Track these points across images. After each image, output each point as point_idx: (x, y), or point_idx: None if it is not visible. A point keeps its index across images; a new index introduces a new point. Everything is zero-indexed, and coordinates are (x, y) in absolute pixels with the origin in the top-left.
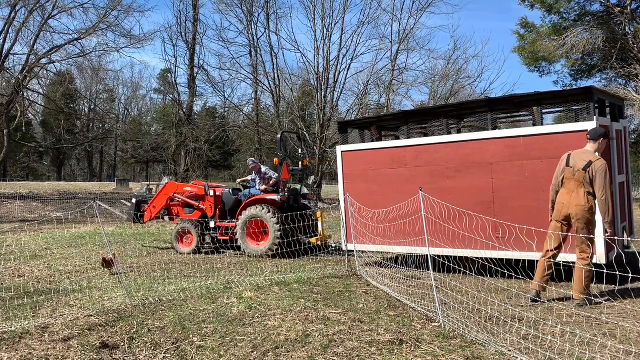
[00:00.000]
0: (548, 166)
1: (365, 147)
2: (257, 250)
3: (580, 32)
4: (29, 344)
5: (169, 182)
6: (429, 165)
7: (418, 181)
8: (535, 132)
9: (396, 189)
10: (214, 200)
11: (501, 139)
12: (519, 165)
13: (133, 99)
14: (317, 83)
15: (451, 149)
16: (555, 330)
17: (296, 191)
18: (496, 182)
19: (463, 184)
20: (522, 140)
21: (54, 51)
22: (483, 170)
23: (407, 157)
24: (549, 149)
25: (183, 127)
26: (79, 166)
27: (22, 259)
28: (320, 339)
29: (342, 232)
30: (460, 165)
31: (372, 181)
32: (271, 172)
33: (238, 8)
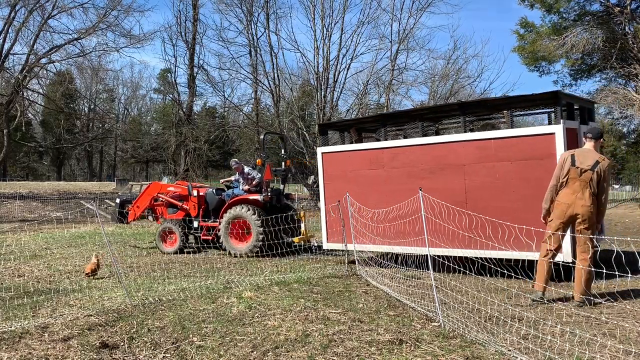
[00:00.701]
0: (518, 168)
1: (345, 148)
2: (240, 250)
3: (580, 32)
4: (29, 344)
5: (153, 183)
6: (406, 167)
7: (395, 182)
8: (506, 135)
9: (375, 189)
10: (198, 200)
11: (473, 141)
12: (490, 167)
13: (133, 99)
14: (317, 83)
15: (426, 151)
16: (555, 330)
17: (279, 191)
18: (468, 183)
19: (437, 185)
20: (493, 142)
21: (54, 51)
22: (456, 171)
23: (384, 158)
24: (518, 151)
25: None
26: (79, 166)
27: (22, 259)
28: (320, 339)
29: (323, 231)
30: (435, 167)
31: (352, 182)
32: (254, 173)
33: (238, 8)
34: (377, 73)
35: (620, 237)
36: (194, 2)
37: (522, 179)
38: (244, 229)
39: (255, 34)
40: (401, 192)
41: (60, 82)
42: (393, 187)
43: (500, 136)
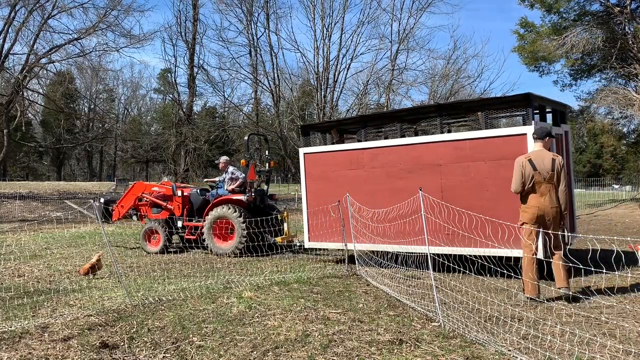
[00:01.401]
0: (491, 168)
1: (326, 149)
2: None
3: (580, 32)
4: (29, 344)
5: (137, 182)
6: (385, 167)
7: (375, 182)
8: (480, 135)
9: (355, 189)
10: (182, 200)
11: (449, 142)
12: (465, 167)
13: (133, 99)
14: (317, 83)
15: (404, 151)
16: (555, 330)
17: (263, 192)
18: (444, 183)
19: (415, 185)
20: (468, 143)
21: (54, 51)
22: (433, 171)
23: (364, 159)
24: (492, 152)
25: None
26: (79, 166)
27: (22, 259)
28: (320, 339)
29: (305, 230)
30: (413, 167)
31: (333, 182)
32: (239, 173)
33: (238, 8)
34: (377, 73)
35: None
36: (194, 2)
37: (495, 178)
38: (228, 228)
39: (255, 34)
40: (381, 191)
41: (60, 82)
42: (373, 187)
43: (474, 137)
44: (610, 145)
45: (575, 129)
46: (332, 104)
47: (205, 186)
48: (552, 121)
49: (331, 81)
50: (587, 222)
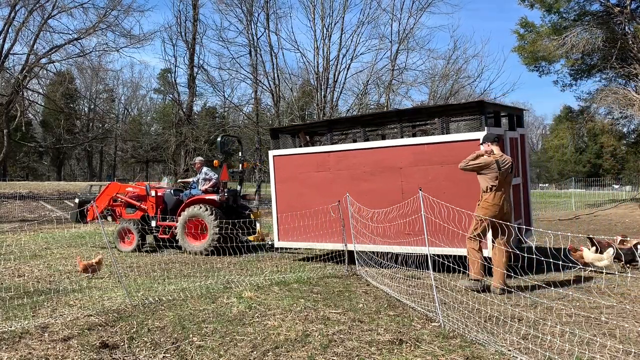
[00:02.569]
0: (447, 170)
1: (294, 152)
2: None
3: (580, 32)
4: (29, 344)
5: (112, 183)
6: (349, 169)
7: (340, 183)
8: (437, 140)
9: (322, 190)
10: (156, 200)
11: (409, 146)
12: (424, 170)
13: (133, 99)
14: (317, 83)
15: (367, 155)
16: (555, 330)
17: (236, 192)
18: (405, 185)
19: (377, 187)
20: (426, 147)
21: (54, 51)
22: (394, 174)
23: (330, 161)
24: (448, 156)
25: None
26: (79, 166)
27: (22, 259)
28: (320, 339)
29: (274, 230)
30: (375, 170)
31: (301, 183)
32: (212, 174)
33: (238, 8)
34: (377, 73)
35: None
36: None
37: (451, 181)
38: (200, 228)
39: (255, 34)
40: (345, 192)
41: (60, 82)
42: (338, 188)
43: (432, 141)
44: (610, 145)
45: (575, 129)
46: (332, 104)
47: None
48: (508, 126)
49: (331, 81)
50: (587, 222)
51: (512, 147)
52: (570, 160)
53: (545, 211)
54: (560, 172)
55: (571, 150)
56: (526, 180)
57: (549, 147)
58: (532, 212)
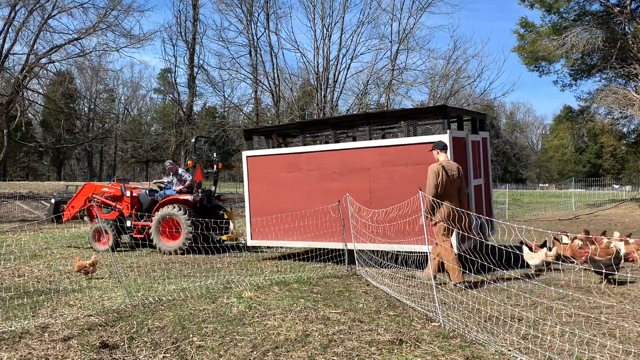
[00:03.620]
0: (412, 171)
1: (267, 152)
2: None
3: (580, 32)
4: (29, 344)
5: (88, 184)
6: (319, 170)
7: (310, 183)
8: (402, 142)
9: (293, 190)
10: (131, 200)
11: (376, 148)
12: (390, 171)
13: (133, 99)
14: (317, 83)
15: (336, 156)
16: (555, 330)
17: (210, 192)
18: (372, 185)
19: (346, 186)
20: (392, 149)
21: (54, 51)
22: (362, 174)
23: (301, 162)
24: (412, 157)
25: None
26: (79, 166)
27: (22, 259)
28: (320, 339)
29: (247, 229)
30: (344, 170)
31: (273, 183)
32: (186, 175)
33: (238, 8)
34: (377, 73)
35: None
36: (194, 2)
37: (416, 181)
38: (174, 227)
39: (255, 34)
40: (316, 192)
41: (60, 82)
42: (309, 188)
43: (398, 143)
44: (610, 145)
45: (575, 129)
46: (332, 104)
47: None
48: (471, 129)
49: (331, 81)
50: (587, 222)
51: (474, 150)
52: (570, 160)
53: (546, 211)
54: (560, 172)
55: (571, 150)
56: (487, 180)
57: (549, 147)
58: (494, 210)
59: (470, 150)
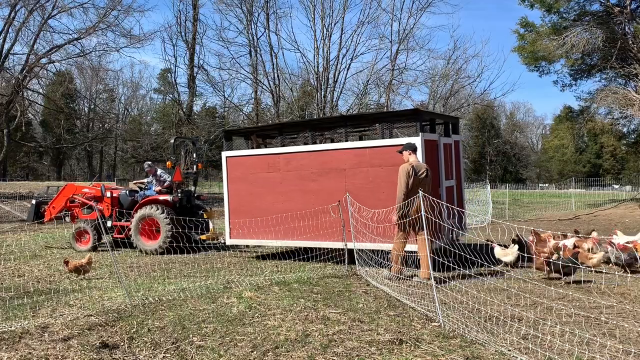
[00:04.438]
0: (385, 172)
1: (246, 153)
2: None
3: (580, 32)
4: (29, 344)
5: (68, 184)
6: (297, 170)
7: (289, 184)
8: (377, 144)
9: (272, 190)
10: (111, 201)
11: (352, 149)
12: (365, 172)
13: (133, 99)
14: (317, 83)
15: (314, 157)
16: (555, 330)
17: (190, 193)
18: (348, 185)
19: (324, 186)
20: (367, 151)
21: (54, 51)
22: (338, 175)
23: (280, 163)
24: (386, 158)
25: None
26: (79, 166)
27: (22, 259)
28: (320, 339)
29: (226, 228)
30: (321, 171)
31: (252, 183)
32: (166, 175)
33: (238, 8)
34: (377, 73)
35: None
36: (194, 2)
37: (390, 182)
38: (154, 227)
39: (255, 34)
40: (294, 192)
41: (60, 82)
42: (287, 188)
43: (373, 145)
44: (610, 145)
45: (575, 129)
46: (332, 104)
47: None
48: (444, 132)
49: (331, 81)
50: (587, 222)
51: (446, 152)
52: (570, 160)
53: (546, 211)
54: (560, 172)
55: (571, 150)
56: (459, 182)
57: (549, 147)
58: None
59: (442, 153)
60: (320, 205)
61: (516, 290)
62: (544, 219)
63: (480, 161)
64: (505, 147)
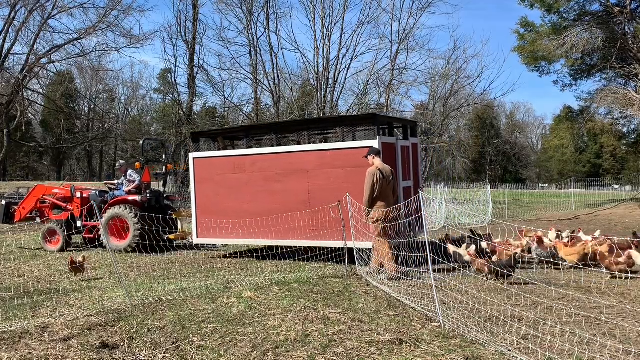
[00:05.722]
0: (346, 173)
1: (213, 155)
2: (119, 247)
3: (580, 32)
4: (29, 344)
5: (38, 185)
6: (263, 172)
7: (254, 184)
8: (338, 147)
9: (238, 190)
10: (81, 201)
11: (314, 151)
12: (327, 173)
13: (133, 99)
14: (317, 83)
15: (278, 158)
16: (555, 330)
17: (159, 193)
18: (311, 186)
19: (288, 187)
20: (329, 153)
21: (54, 51)
22: (302, 176)
23: (246, 164)
24: (347, 160)
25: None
26: (79, 166)
27: (22, 259)
28: (320, 339)
29: (193, 227)
30: (286, 172)
31: (219, 184)
32: (136, 176)
33: (238, 8)
34: (377, 73)
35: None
36: (194, 2)
37: (350, 182)
38: (123, 227)
39: (255, 34)
40: (259, 192)
41: (60, 82)
42: (253, 189)
43: (334, 148)
44: (610, 145)
45: (575, 129)
46: (332, 104)
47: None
48: (403, 135)
49: (331, 81)
50: (588, 222)
51: (404, 154)
52: (570, 160)
53: (546, 211)
54: (560, 172)
55: (571, 150)
56: (417, 182)
57: (549, 147)
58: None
59: (399, 155)
60: (285, 205)
61: (516, 290)
62: (544, 219)
63: (480, 161)
64: (505, 147)
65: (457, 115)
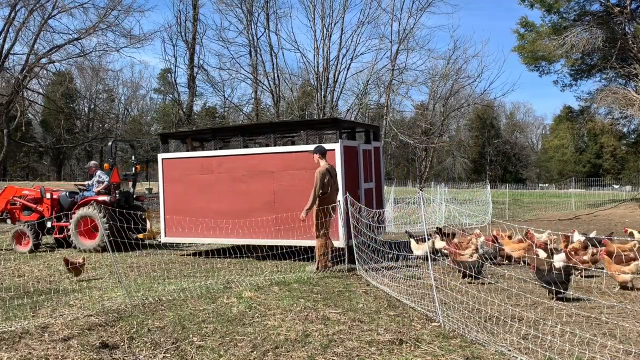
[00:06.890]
0: (310, 175)
1: (181, 155)
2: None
3: (580, 32)
4: (29, 344)
5: (8, 186)
6: (229, 172)
7: (221, 185)
8: (301, 149)
9: (206, 190)
10: (51, 202)
11: (279, 153)
12: (291, 174)
13: (133, 99)
14: (317, 83)
15: (244, 160)
16: (555, 330)
17: (129, 194)
18: (276, 187)
19: (253, 188)
20: (293, 155)
21: (54, 51)
22: (267, 177)
23: (213, 165)
24: (309, 162)
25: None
26: (79, 166)
27: (22, 259)
28: (320, 339)
29: (162, 226)
30: (252, 173)
31: (187, 184)
32: (105, 177)
33: (238, 8)
34: (377, 73)
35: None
36: (194, 2)
37: (312, 183)
38: (92, 227)
39: (255, 34)
40: (226, 193)
41: (60, 82)
42: (220, 189)
43: (297, 150)
44: (610, 145)
45: (575, 129)
46: (332, 104)
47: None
48: (365, 139)
49: (331, 81)
50: (588, 222)
51: (366, 157)
52: (570, 160)
53: (546, 211)
54: (560, 172)
55: (571, 150)
56: (379, 184)
57: (549, 147)
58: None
59: (361, 158)
60: (251, 205)
61: (516, 290)
62: (544, 219)
63: (480, 161)
64: (505, 147)
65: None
